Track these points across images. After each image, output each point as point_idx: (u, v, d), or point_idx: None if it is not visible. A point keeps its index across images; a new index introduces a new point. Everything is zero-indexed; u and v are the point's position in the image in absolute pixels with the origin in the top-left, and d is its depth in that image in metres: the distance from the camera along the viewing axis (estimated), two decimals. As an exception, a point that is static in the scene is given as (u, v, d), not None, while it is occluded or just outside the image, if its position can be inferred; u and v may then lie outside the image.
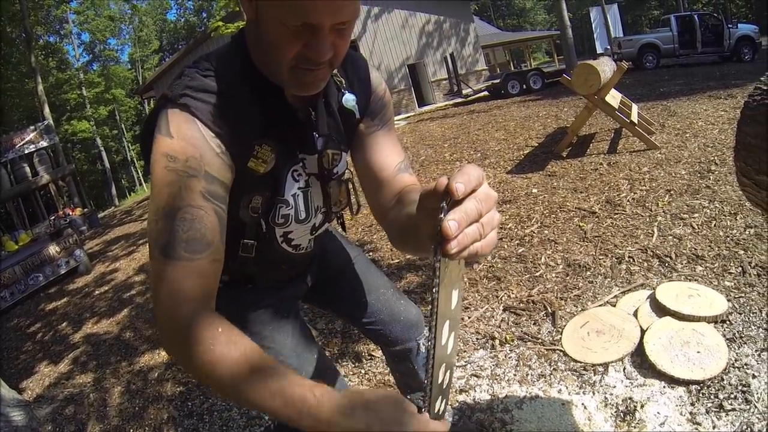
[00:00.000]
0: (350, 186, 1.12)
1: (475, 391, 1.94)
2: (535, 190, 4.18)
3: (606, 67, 4.67)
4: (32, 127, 9.15)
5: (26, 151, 8.65)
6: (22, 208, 8.55)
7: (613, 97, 4.89)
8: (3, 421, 3.01)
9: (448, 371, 0.65)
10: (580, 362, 1.90)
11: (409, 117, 14.19)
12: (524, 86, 13.53)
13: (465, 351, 2.25)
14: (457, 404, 1.89)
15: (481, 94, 14.96)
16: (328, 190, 1.02)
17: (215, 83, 0.79)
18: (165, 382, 2.86)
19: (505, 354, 2.12)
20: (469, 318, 2.52)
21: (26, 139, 8.78)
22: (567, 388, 1.80)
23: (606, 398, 1.70)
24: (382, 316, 1.35)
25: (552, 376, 1.89)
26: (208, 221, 0.74)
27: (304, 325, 1.26)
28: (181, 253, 0.70)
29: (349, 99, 0.96)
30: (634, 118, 4.68)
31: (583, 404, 1.69)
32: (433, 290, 0.49)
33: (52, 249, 6.40)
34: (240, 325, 1.22)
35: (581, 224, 3.21)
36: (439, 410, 0.64)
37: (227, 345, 0.68)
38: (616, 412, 1.64)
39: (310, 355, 1.21)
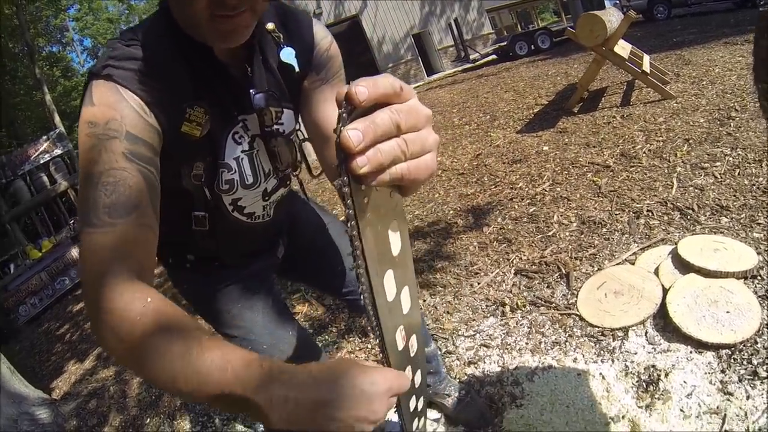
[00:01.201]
0: (299, 144, 1.02)
1: (485, 362, 1.77)
2: (545, 148, 3.95)
3: (612, 17, 4.34)
4: (45, 137, 9.07)
5: (42, 161, 8.56)
6: (46, 217, 8.58)
7: (623, 48, 4.57)
8: (27, 420, 3.01)
9: (413, 336, 0.55)
10: (598, 327, 1.71)
11: (418, 86, 13.85)
12: (532, 47, 13.07)
13: (474, 320, 2.08)
14: (466, 377, 1.73)
15: (489, 57, 14.52)
16: (274, 150, 0.92)
17: (139, 51, 0.74)
18: None
19: (516, 321, 1.95)
20: (478, 284, 2.35)
21: (40, 149, 8.71)
22: (583, 356, 1.61)
23: (626, 366, 1.51)
24: None
25: (567, 343, 1.70)
26: (133, 182, 0.66)
27: (278, 300, 1.16)
28: (104, 219, 0.63)
29: (286, 53, 0.88)
30: (646, 68, 4.36)
31: (601, 374, 1.51)
32: (348, 225, 0.39)
33: (75, 252, 6.44)
34: (208, 305, 1.08)
35: (595, 179, 2.98)
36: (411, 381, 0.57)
37: (136, 301, 0.57)
38: (637, 381, 1.45)
39: (283, 332, 1.12)
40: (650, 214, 2.36)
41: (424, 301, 2.42)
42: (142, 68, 0.73)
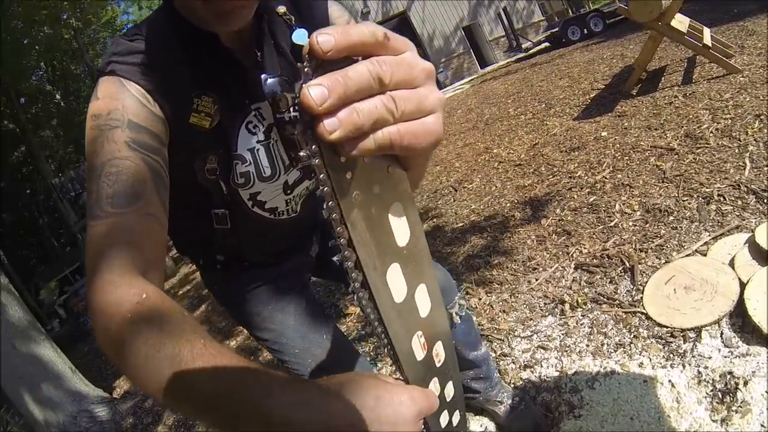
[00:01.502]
0: None
1: (542, 366, 1.64)
2: (604, 134, 3.68)
3: None
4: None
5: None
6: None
7: (680, 22, 4.16)
8: (86, 417, 3.20)
9: (438, 344, 0.45)
10: (667, 327, 1.52)
11: (472, 80, 13.54)
12: (585, 31, 12.32)
13: (531, 319, 1.94)
14: (521, 382, 1.60)
15: (542, 45, 13.90)
16: (292, 138, 0.84)
17: (142, 44, 0.71)
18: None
19: (576, 320, 1.79)
20: (536, 280, 2.20)
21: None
22: (650, 360, 1.44)
23: (699, 373, 1.32)
24: None
25: (632, 345, 1.53)
26: (135, 171, 0.62)
27: (312, 302, 1.09)
28: (107, 210, 0.59)
29: (298, 33, 0.79)
30: (707, 41, 3.95)
31: (670, 381, 1.33)
32: (325, 206, 0.31)
33: None
34: (239, 308, 1.02)
35: (659, 163, 2.71)
36: (440, 396, 0.47)
37: (130, 296, 0.50)
38: (712, 391, 1.26)
39: (316, 335, 1.05)
40: (722, 198, 2.10)
41: (480, 299, 2.30)
42: (144, 60, 0.70)
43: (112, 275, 0.52)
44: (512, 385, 1.62)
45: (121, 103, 0.66)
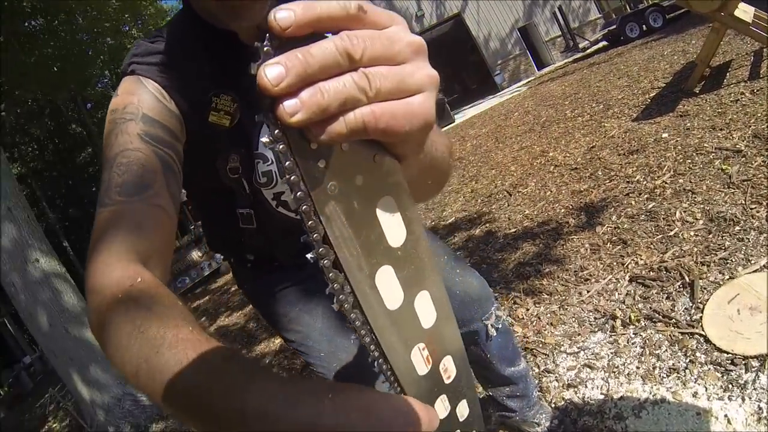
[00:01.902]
0: None
1: (586, 386, 1.50)
2: (665, 135, 3.38)
3: None
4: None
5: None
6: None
7: (744, 12, 3.72)
8: (130, 400, 3.36)
9: (447, 359, 0.39)
10: (727, 353, 1.33)
11: (529, 81, 13.09)
12: (644, 27, 11.48)
13: (579, 334, 1.80)
14: (563, 402, 1.48)
15: (599, 44, 13.18)
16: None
17: (162, 45, 0.72)
18: (272, 368, 2.89)
19: (627, 338, 1.63)
20: (587, 292, 2.05)
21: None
22: (706, 389, 1.26)
23: (760, 409, 1.14)
24: None
25: (687, 371, 1.35)
26: (146, 162, 0.61)
27: None
28: (114, 198, 0.57)
29: None
30: (775, 31, 3.53)
31: (726, 416, 1.16)
32: (293, 196, 0.27)
33: (195, 254, 7.06)
34: (267, 307, 1.01)
35: (724, 167, 2.44)
36: (450, 414, 0.41)
37: (125, 280, 0.46)
38: None
39: (343, 340, 1.00)
40: (796, 207, 1.85)
41: (527, 309, 2.18)
42: (162, 60, 0.70)
43: (111, 258, 0.49)
44: (553, 405, 1.49)
45: (137, 98, 0.67)
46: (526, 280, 2.42)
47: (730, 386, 1.25)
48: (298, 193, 0.26)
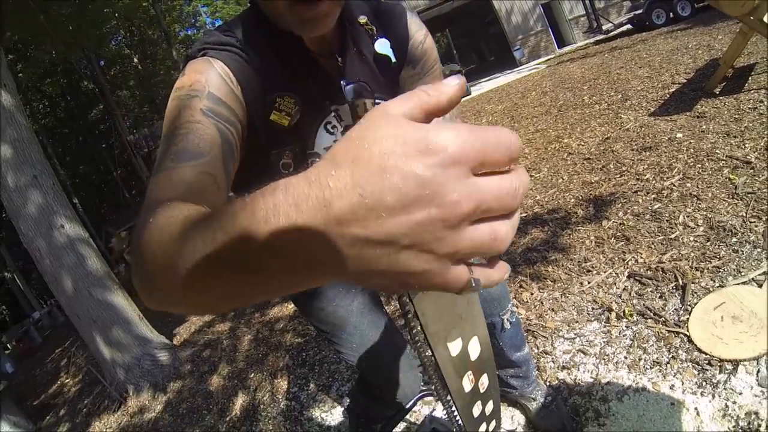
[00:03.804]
0: None
1: (579, 369, 1.68)
2: (679, 135, 3.43)
3: None
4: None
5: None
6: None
7: None
8: (149, 360, 3.47)
9: (484, 375, 0.54)
10: (706, 354, 1.50)
11: (548, 60, 12.81)
12: (671, 14, 11.01)
13: (577, 321, 1.97)
14: (557, 382, 1.66)
15: (624, 28, 12.74)
16: None
17: (234, 40, 0.74)
18: (286, 332, 3.06)
19: (620, 330, 1.80)
20: (588, 283, 2.20)
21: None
22: (683, 384, 1.44)
23: (726, 407, 1.31)
24: None
25: (668, 365, 1.53)
26: (205, 134, 0.61)
27: (375, 301, 1.17)
28: (167, 164, 0.56)
29: (381, 43, 0.83)
30: (808, 40, 3.51)
31: (696, 409, 1.33)
32: (411, 328, 0.37)
33: None
34: (304, 299, 1.12)
35: (732, 176, 2.53)
36: (481, 413, 0.53)
37: (165, 210, 0.42)
38: (734, 427, 1.25)
39: (374, 333, 1.13)
40: (792, 225, 1.97)
41: (532, 294, 2.33)
42: (235, 56, 0.72)
43: (166, 207, 0.43)
44: (548, 383, 1.68)
45: (205, 77, 0.67)
46: (533, 265, 2.56)
47: (704, 384, 1.42)
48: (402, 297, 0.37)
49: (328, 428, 2.12)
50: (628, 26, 12.55)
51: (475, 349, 0.50)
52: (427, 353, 0.44)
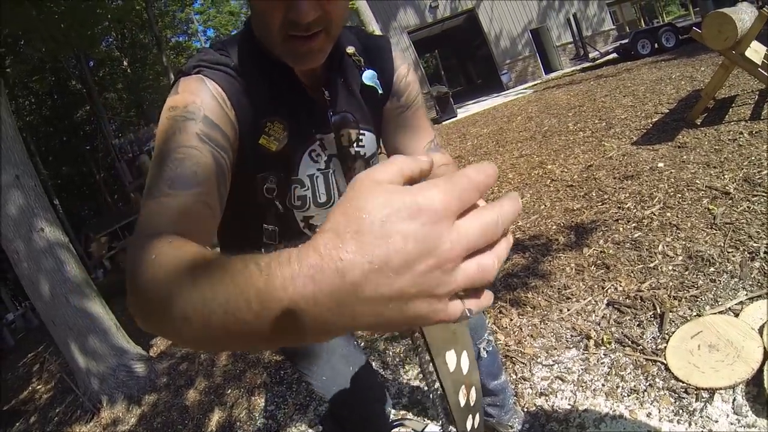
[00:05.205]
0: None
1: (556, 396, 1.69)
2: (661, 164, 3.55)
3: (744, 15, 3.70)
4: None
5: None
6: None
7: (756, 52, 3.87)
8: (125, 371, 3.42)
9: (472, 389, 0.59)
10: (683, 382, 1.53)
11: (535, 85, 13.17)
12: (656, 45, 11.58)
13: (555, 348, 1.99)
14: (534, 408, 1.67)
15: (609, 56, 13.20)
16: (350, 171, 0.90)
17: (229, 60, 0.76)
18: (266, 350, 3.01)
19: (598, 358, 1.82)
20: (567, 311, 2.23)
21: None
22: (659, 411, 1.47)
23: None
24: None
25: (646, 393, 1.56)
26: (201, 161, 0.63)
27: (349, 335, 1.19)
28: (164, 190, 0.58)
29: (368, 75, 0.87)
30: (783, 76, 3.70)
31: (673, 437, 1.36)
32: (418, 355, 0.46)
33: None
34: None
35: (711, 207, 2.63)
36: (472, 427, 0.59)
37: (176, 250, 0.44)
38: None
39: (345, 368, 1.14)
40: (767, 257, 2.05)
41: (511, 320, 2.36)
42: (229, 77, 0.74)
43: (160, 240, 0.45)
44: (525, 410, 1.69)
45: (200, 99, 0.69)
46: (513, 291, 2.59)
47: (681, 411, 1.45)
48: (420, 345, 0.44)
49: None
50: (614, 55, 13.01)
51: (465, 364, 0.54)
52: (429, 369, 0.49)
